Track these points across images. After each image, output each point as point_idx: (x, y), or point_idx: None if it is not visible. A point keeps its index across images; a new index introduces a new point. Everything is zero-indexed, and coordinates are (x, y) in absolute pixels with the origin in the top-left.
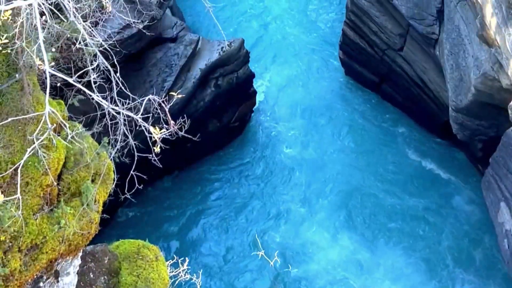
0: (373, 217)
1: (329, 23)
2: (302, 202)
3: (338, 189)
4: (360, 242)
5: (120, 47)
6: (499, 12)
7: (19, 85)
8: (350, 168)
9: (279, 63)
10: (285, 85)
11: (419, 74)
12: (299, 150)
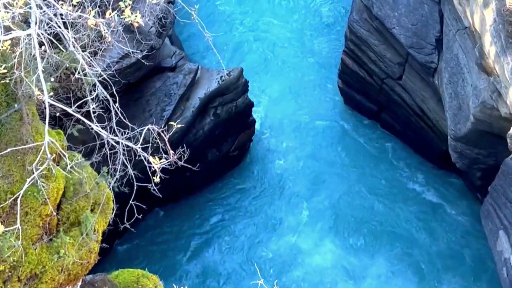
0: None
1: (329, 52)
2: (301, 231)
3: (342, 220)
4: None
5: (119, 76)
6: (498, 41)
7: (18, 115)
8: (352, 198)
9: (278, 92)
10: (284, 114)
11: (418, 103)
12: (300, 182)
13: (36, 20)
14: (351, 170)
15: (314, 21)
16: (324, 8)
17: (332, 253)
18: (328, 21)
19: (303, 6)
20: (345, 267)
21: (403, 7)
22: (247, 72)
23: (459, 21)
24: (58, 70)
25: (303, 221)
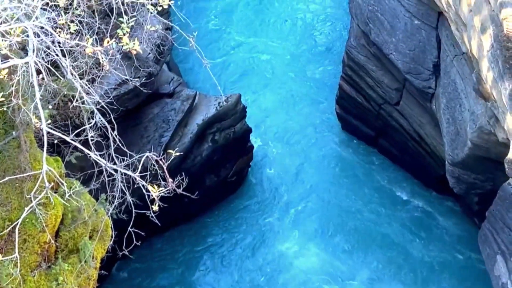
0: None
1: (327, 77)
2: (300, 258)
3: (340, 242)
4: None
5: (117, 103)
6: (495, 66)
7: (16, 142)
8: (349, 220)
9: (276, 117)
10: (282, 140)
11: (416, 128)
12: (297, 209)
13: (33, 48)
14: (350, 194)
15: (312, 46)
16: (321, 33)
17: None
18: (325, 46)
19: (301, 30)
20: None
21: (400, 32)
22: (244, 98)
23: (456, 46)
24: (56, 97)
25: (301, 250)
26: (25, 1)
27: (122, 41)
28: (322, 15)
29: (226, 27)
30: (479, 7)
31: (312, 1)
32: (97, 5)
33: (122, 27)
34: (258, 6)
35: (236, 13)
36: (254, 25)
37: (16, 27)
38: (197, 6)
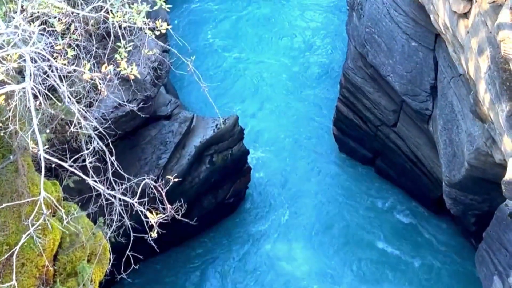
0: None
1: (324, 98)
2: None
3: (333, 262)
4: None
5: (115, 125)
6: (492, 88)
7: (13, 166)
8: (345, 237)
9: (273, 139)
10: (279, 162)
11: (413, 150)
12: (293, 229)
13: (30, 74)
14: (348, 215)
15: (309, 66)
16: (319, 53)
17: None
18: (323, 66)
19: (298, 50)
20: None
21: (398, 54)
22: (241, 118)
23: (453, 68)
24: (53, 121)
25: (297, 275)
26: (22, 27)
27: (120, 66)
28: (320, 34)
29: (223, 46)
30: (476, 29)
31: (310, 19)
32: (95, 29)
33: (120, 51)
34: (255, 24)
35: (234, 31)
36: (251, 44)
37: (13, 53)
38: (194, 25)
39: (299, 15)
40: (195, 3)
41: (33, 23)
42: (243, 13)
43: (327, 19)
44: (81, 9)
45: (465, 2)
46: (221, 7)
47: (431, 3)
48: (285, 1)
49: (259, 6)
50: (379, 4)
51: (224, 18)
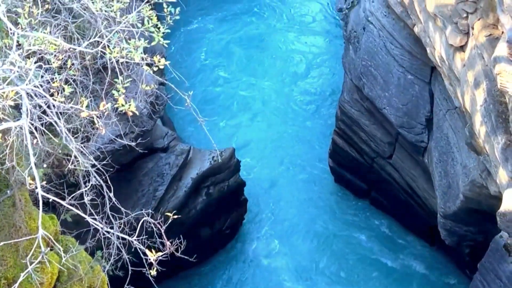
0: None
1: (320, 131)
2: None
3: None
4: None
5: (112, 158)
6: (488, 121)
7: (11, 201)
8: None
9: (269, 169)
10: (275, 193)
11: (408, 181)
12: (289, 261)
13: (27, 111)
14: (344, 247)
15: (306, 96)
16: (316, 84)
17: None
18: (320, 96)
19: (295, 80)
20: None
21: (394, 87)
22: (238, 148)
23: (449, 101)
24: (50, 155)
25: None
26: (18, 64)
27: (118, 102)
28: (317, 59)
29: (219, 69)
30: (473, 62)
31: (312, 43)
32: (92, 64)
33: (118, 87)
34: (252, 46)
35: (229, 53)
36: (249, 68)
37: (10, 90)
38: (191, 46)
39: (296, 39)
40: (193, 24)
41: (29, 59)
42: (239, 35)
43: (323, 43)
44: (78, 45)
45: (461, 35)
46: (218, 29)
47: (427, 36)
48: (281, 23)
49: (256, 27)
50: (375, 37)
51: (220, 40)
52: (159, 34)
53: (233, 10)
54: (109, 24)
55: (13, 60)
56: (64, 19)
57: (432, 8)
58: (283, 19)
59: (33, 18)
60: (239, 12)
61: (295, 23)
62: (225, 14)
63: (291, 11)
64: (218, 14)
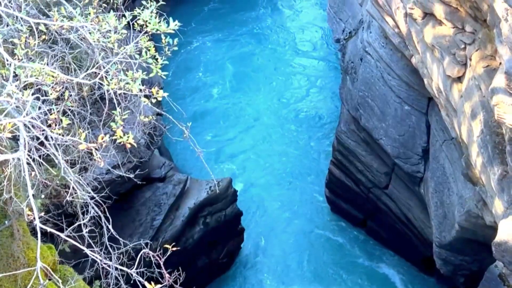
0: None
1: (317, 161)
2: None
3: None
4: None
5: (109, 188)
6: (485, 151)
7: (9, 231)
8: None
9: (265, 198)
10: (271, 222)
11: (404, 211)
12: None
13: (24, 144)
14: (340, 277)
15: (305, 130)
16: (314, 117)
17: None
18: (318, 130)
19: (293, 107)
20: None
21: (390, 118)
22: (234, 177)
23: (446, 131)
24: (48, 186)
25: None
26: (15, 95)
27: (116, 133)
28: (314, 89)
29: (216, 91)
30: (470, 93)
31: (310, 71)
32: (89, 95)
33: (116, 119)
34: (248, 71)
35: (226, 76)
36: (245, 99)
37: (7, 122)
38: (189, 66)
39: (294, 65)
40: (193, 43)
41: (26, 90)
42: (236, 55)
43: (321, 71)
44: (75, 76)
45: (459, 66)
46: (218, 50)
47: (425, 67)
48: (281, 46)
49: (253, 50)
50: (373, 68)
51: (218, 60)
52: (157, 66)
53: (235, 32)
54: (106, 55)
55: (10, 92)
56: (61, 49)
57: (430, 38)
58: (282, 44)
59: (29, 48)
60: (241, 34)
61: (294, 49)
62: (226, 36)
63: (291, 37)
64: (219, 35)
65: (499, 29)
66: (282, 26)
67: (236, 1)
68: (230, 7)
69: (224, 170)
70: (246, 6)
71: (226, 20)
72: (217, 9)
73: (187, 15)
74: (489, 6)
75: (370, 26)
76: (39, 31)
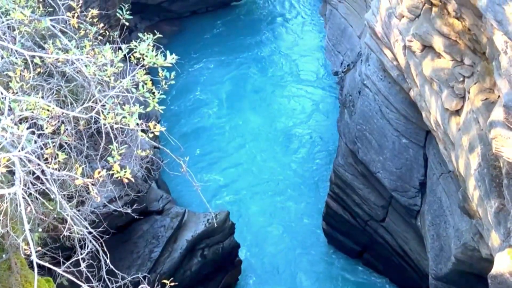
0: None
1: (314, 194)
2: None
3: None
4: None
5: (107, 221)
6: (482, 185)
7: (6, 265)
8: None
9: (263, 232)
10: (268, 254)
11: (400, 244)
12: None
13: (20, 179)
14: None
15: (301, 164)
16: (311, 149)
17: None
18: (315, 163)
19: (289, 141)
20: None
21: (388, 151)
22: (232, 210)
23: (443, 165)
24: (45, 219)
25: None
26: (10, 129)
27: (113, 168)
28: (312, 120)
29: (211, 132)
30: (468, 126)
31: (307, 102)
32: (86, 129)
33: (113, 154)
34: (249, 96)
35: (222, 114)
36: (244, 127)
37: (2, 157)
38: (188, 89)
39: (292, 94)
40: (197, 64)
41: (21, 124)
42: (235, 80)
43: (319, 102)
44: (71, 109)
45: (457, 99)
46: (218, 73)
47: (423, 100)
48: (281, 79)
49: (253, 76)
50: (371, 101)
51: (217, 84)
52: (154, 100)
53: (236, 56)
54: (103, 89)
55: (5, 126)
56: (56, 83)
57: (429, 71)
58: (282, 72)
59: (24, 82)
60: (243, 58)
61: (293, 78)
62: (226, 60)
63: (292, 66)
64: (221, 58)
65: (498, 62)
66: (283, 52)
67: (238, 26)
68: (231, 33)
69: (222, 200)
70: (248, 31)
71: (226, 45)
72: (217, 35)
73: (187, 45)
74: (488, 38)
75: (369, 59)
76: (34, 64)
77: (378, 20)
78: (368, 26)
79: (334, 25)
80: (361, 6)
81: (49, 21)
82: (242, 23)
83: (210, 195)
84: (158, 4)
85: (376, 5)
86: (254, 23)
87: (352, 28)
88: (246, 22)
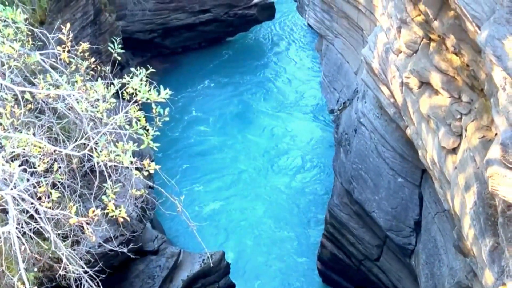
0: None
1: (309, 234)
2: None
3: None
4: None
5: (102, 260)
6: (477, 223)
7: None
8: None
9: (258, 273)
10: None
11: (394, 283)
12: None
13: (13, 217)
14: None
15: (297, 204)
16: (307, 189)
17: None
18: (310, 204)
19: (285, 183)
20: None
21: (383, 190)
22: (227, 250)
23: (438, 203)
24: (40, 259)
25: None
26: (1, 167)
27: (108, 207)
28: (307, 156)
29: (206, 174)
30: (464, 164)
31: (304, 136)
32: (79, 167)
33: (108, 193)
34: (243, 151)
35: (217, 154)
36: (240, 162)
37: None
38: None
39: (288, 127)
40: (189, 99)
41: (12, 162)
42: (231, 112)
43: (316, 136)
44: (63, 147)
45: (454, 137)
46: (218, 97)
47: (420, 138)
48: (279, 117)
49: (247, 117)
50: (367, 139)
51: (215, 109)
52: (148, 137)
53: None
54: (95, 125)
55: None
56: (48, 119)
57: (426, 109)
58: (282, 102)
59: (15, 118)
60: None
61: (293, 109)
62: (222, 98)
63: (293, 95)
64: (214, 93)
65: (496, 98)
66: (275, 91)
67: (231, 63)
68: (224, 69)
69: (216, 240)
70: (242, 69)
71: (219, 81)
72: (210, 72)
73: (178, 81)
74: (487, 74)
75: (365, 96)
76: (25, 100)
77: (375, 55)
78: (365, 62)
79: (330, 61)
80: (357, 41)
81: (38, 55)
82: (235, 60)
83: (204, 233)
84: (150, 39)
85: (373, 40)
86: (247, 60)
87: (348, 64)
88: (239, 59)
